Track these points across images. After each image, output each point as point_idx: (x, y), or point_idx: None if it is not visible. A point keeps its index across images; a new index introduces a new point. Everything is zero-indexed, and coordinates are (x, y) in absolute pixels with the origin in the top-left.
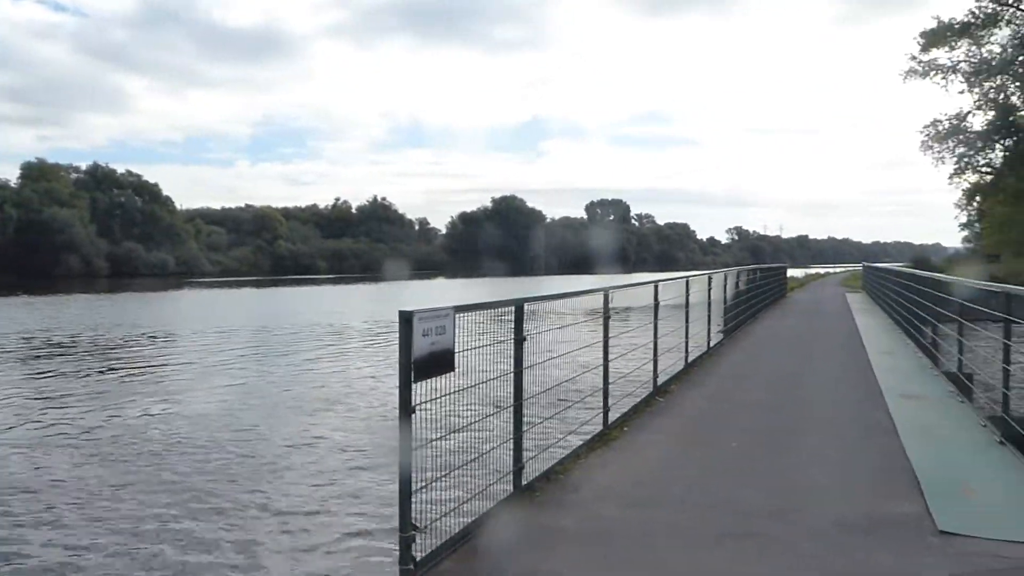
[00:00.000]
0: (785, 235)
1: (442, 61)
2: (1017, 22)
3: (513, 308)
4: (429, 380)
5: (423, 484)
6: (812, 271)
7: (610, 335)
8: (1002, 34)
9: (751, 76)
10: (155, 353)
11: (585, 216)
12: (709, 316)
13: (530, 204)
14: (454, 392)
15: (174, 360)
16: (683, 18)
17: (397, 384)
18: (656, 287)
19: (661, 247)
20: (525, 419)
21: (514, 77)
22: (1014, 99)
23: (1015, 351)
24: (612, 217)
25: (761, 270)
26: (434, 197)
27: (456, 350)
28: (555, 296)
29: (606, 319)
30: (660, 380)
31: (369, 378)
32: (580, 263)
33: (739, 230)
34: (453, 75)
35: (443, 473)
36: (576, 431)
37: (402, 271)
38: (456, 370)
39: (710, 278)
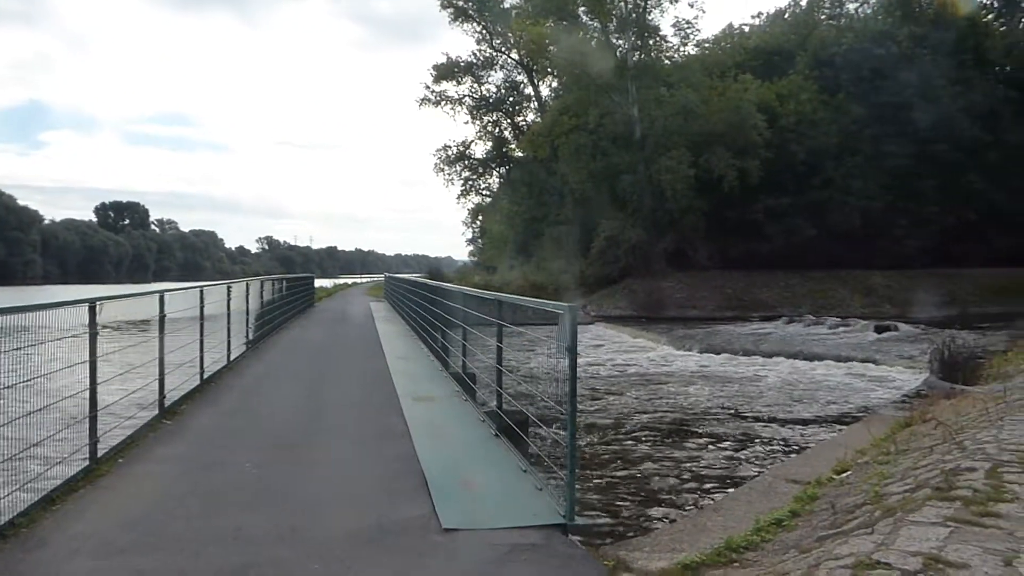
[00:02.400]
0: (315, 246)
1: None
2: (508, 68)
3: None
4: None
5: None
6: (341, 281)
7: (112, 352)
8: (497, 76)
9: (280, 87)
10: None
11: (96, 219)
12: (229, 327)
13: (24, 202)
14: None
15: None
16: (209, 17)
17: None
18: (162, 298)
19: (185, 255)
20: None
21: (3, 53)
22: (507, 133)
23: (506, 351)
24: (128, 222)
25: (289, 279)
26: None
27: None
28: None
29: (93, 335)
30: (169, 400)
31: None
32: (88, 271)
33: (270, 240)
34: None
35: None
36: (50, 472)
37: None
38: None
39: (229, 288)
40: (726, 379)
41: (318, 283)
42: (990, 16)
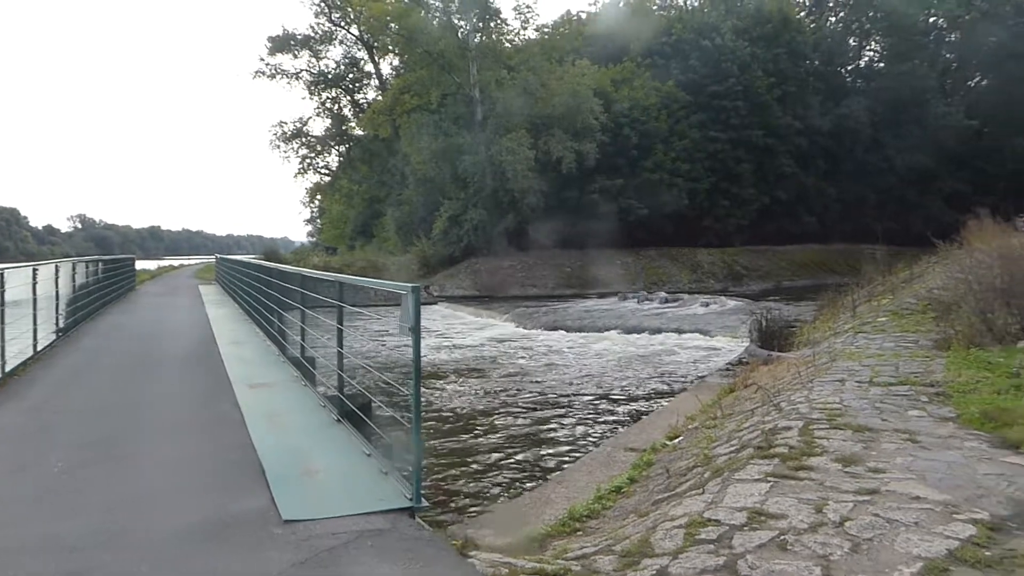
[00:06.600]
0: (136, 225)
1: None
2: (348, 43)
3: None
4: None
5: None
6: (166, 263)
7: None
8: (336, 52)
9: (92, 47)
10: None
11: None
12: (35, 314)
13: None
14: None
15: None
16: None
17: None
18: None
19: None
20: None
21: None
22: (346, 111)
23: (348, 333)
24: None
25: (106, 261)
26: None
27: None
28: None
29: None
30: None
31: None
32: None
33: (83, 218)
34: None
35: None
36: None
37: None
38: None
39: (35, 270)
40: (563, 354)
41: (140, 265)
42: (802, 14)
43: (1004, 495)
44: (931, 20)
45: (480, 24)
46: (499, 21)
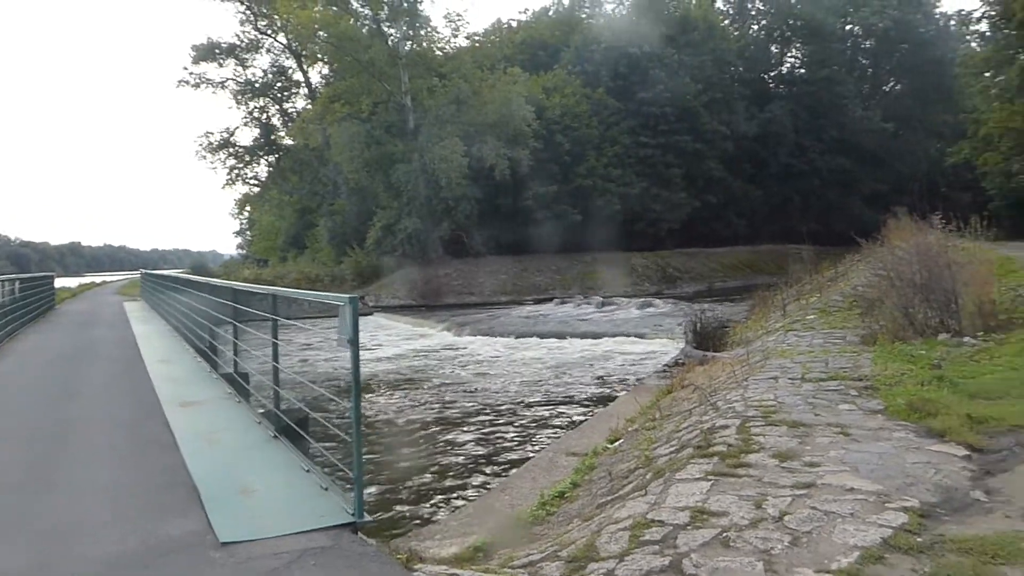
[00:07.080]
0: (54, 242)
1: None
2: (275, 51)
3: None
4: None
5: None
6: (87, 280)
7: None
8: (263, 60)
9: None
10: None
11: None
12: None
13: None
14: None
15: None
16: None
17: None
18: None
19: None
20: None
21: None
22: (275, 120)
23: (283, 348)
24: None
25: (24, 280)
26: None
27: None
28: None
29: None
30: None
31: None
32: None
33: None
34: None
35: None
36: None
37: None
38: None
39: None
40: (501, 362)
41: (60, 283)
42: (726, 22)
43: (932, 483)
44: (848, 28)
45: (410, 32)
46: (429, 29)
